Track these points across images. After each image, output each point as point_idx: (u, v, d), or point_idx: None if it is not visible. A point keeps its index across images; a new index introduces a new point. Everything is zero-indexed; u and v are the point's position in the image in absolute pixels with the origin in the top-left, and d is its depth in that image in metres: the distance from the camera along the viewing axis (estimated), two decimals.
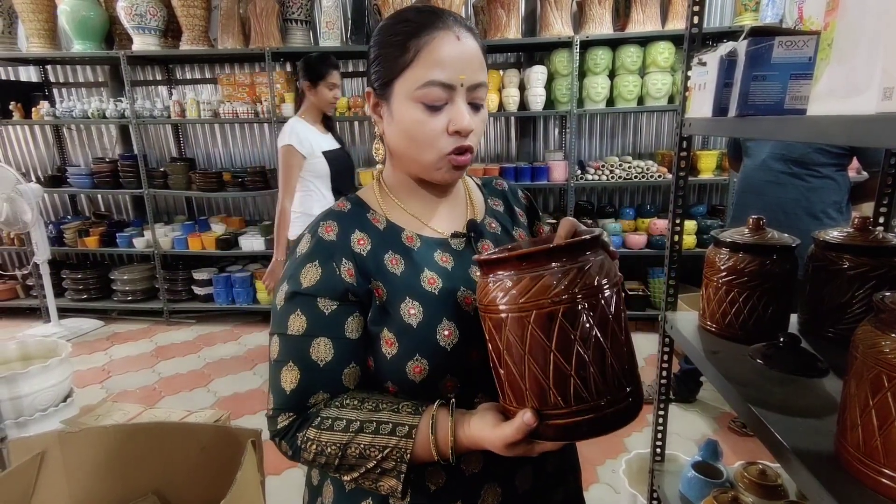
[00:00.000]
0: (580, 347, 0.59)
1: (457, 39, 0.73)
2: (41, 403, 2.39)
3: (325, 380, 0.73)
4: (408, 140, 0.76)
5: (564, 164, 3.88)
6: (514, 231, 0.92)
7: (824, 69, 0.71)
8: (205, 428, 1.56)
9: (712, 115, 1.04)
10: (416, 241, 0.81)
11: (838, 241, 1.05)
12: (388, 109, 0.77)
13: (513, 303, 0.61)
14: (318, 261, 0.74)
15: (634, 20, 3.66)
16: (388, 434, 0.68)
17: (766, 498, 1.31)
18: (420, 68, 0.72)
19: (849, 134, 0.64)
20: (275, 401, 0.74)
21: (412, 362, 0.73)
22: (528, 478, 0.80)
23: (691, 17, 1.21)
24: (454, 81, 0.73)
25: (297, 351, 0.73)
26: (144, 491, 1.52)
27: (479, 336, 0.75)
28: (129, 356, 3.74)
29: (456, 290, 0.78)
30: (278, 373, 0.74)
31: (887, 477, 0.63)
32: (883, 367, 0.62)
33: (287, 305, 0.74)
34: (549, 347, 0.59)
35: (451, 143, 0.75)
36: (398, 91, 0.75)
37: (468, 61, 0.74)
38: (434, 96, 0.73)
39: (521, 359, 0.61)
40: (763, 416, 0.83)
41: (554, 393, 0.60)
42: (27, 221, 3.77)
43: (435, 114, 0.74)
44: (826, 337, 1.08)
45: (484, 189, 0.96)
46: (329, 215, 0.80)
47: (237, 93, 4.15)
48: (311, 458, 0.72)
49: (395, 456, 0.68)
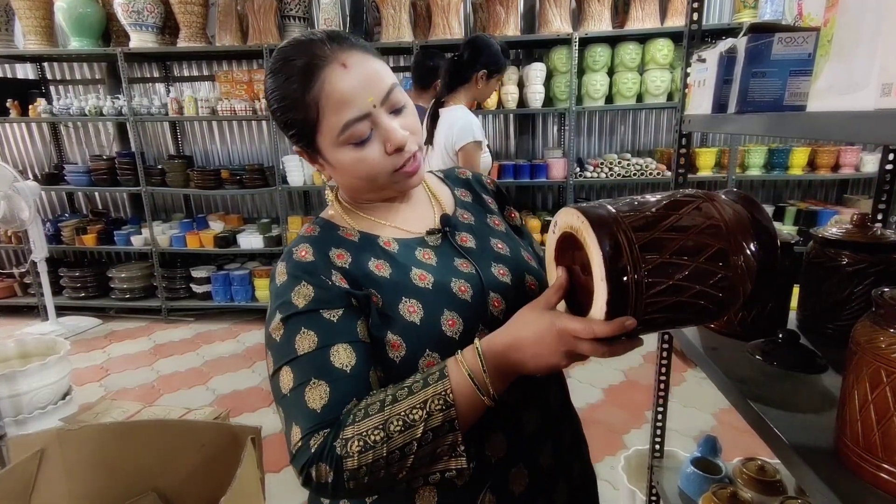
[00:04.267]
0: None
1: (343, 68, 0.71)
2: (40, 401, 2.40)
3: (355, 385, 0.68)
4: (355, 179, 0.77)
5: (563, 161, 3.88)
6: (489, 218, 0.91)
7: (824, 66, 0.71)
8: (205, 425, 1.56)
9: (712, 111, 1.04)
10: (393, 244, 0.80)
11: (837, 237, 1.05)
12: (324, 160, 0.78)
13: None
14: (304, 280, 0.72)
15: (633, 17, 3.66)
16: (421, 388, 0.64)
17: (765, 493, 1.32)
18: (329, 118, 0.72)
19: (848, 130, 0.64)
20: (304, 426, 0.65)
21: (424, 359, 0.72)
22: (550, 454, 0.81)
23: (690, 13, 1.21)
24: (366, 109, 0.72)
25: (316, 366, 0.67)
26: (144, 488, 1.52)
27: (482, 320, 0.76)
28: (128, 354, 3.74)
29: (448, 282, 0.77)
30: (301, 396, 0.66)
31: (886, 471, 0.63)
32: (881, 362, 0.63)
33: (288, 331, 0.70)
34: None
35: (394, 161, 0.75)
36: (324, 144, 0.75)
37: (367, 81, 0.72)
38: (357, 133, 0.72)
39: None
40: (762, 412, 0.84)
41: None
42: (24, 219, 3.76)
43: (367, 146, 0.73)
44: (825, 333, 1.08)
45: (448, 181, 0.95)
46: (300, 241, 0.78)
47: (235, 90, 4.14)
48: (356, 464, 0.62)
49: (439, 404, 0.63)
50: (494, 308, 0.78)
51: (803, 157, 3.74)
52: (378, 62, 0.75)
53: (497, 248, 0.86)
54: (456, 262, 0.81)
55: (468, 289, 0.77)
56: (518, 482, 0.77)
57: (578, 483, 0.87)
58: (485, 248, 0.85)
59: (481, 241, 0.86)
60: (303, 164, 4.04)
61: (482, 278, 0.79)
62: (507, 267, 0.83)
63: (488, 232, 0.88)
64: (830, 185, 4.25)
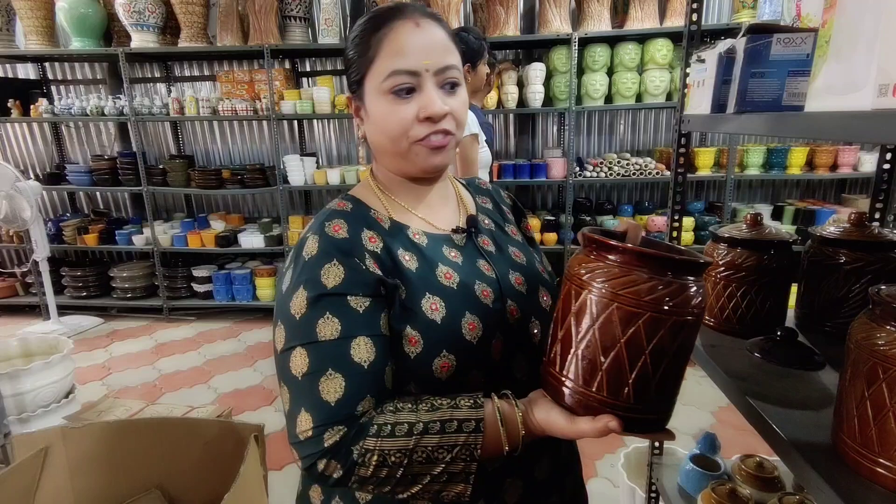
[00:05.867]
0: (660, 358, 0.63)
1: (416, 26, 0.73)
2: (43, 400, 2.40)
3: (371, 382, 0.68)
4: (382, 134, 0.76)
5: (563, 161, 3.89)
6: (507, 227, 0.93)
7: (822, 66, 0.72)
8: (208, 423, 1.57)
9: (711, 111, 1.05)
10: (421, 237, 0.80)
11: (835, 236, 1.06)
12: (365, 109, 0.78)
13: (629, 294, 0.62)
14: (335, 259, 0.70)
15: (633, 17, 3.67)
16: (454, 432, 0.65)
17: (764, 490, 1.33)
18: (382, 60, 0.73)
19: (845, 130, 0.65)
20: (316, 417, 0.65)
21: (439, 359, 0.71)
22: (546, 467, 0.82)
23: (690, 13, 1.22)
24: (418, 68, 0.72)
25: (335, 357, 0.67)
26: (147, 486, 1.53)
27: (500, 327, 0.76)
28: (130, 353, 3.74)
29: (472, 283, 0.77)
30: (314, 385, 0.66)
31: (882, 466, 0.64)
32: (878, 358, 0.63)
33: (312, 311, 0.68)
34: (644, 347, 0.62)
35: (422, 130, 0.74)
36: (368, 88, 0.76)
37: (431, 46, 0.74)
38: (400, 83, 0.73)
39: (613, 344, 0.63)
40: (761, 409, 0.84)
41: (631, 388, 0.63)
42: (26, 219, 3.77)
43: (403, 103, 0.73)
44: (823, 331, 1.09)
45: (469, 188, 0.96)
46: (333, 215, 0.76)
47: (236, 90, 4.15)
48: (369, 474, 0.64)
49: (465, 455, 0.64)
50: (511, 316, 0.79)
51: (802, 156, 3.74)
52: (450, 42, 0.76)
53: (514, 256, 0.87)
54: (479, 262, 0.81)
55: (490, 293, 0.77)
56: (512, 493, 0.78)
57: (569, 498, 0.87)
58: (503, 255, 0.86)
59: (500, 247, 0.87)
60: (303, 163, 4.05)
61: (501, 284, 0.80)
62: (523, 276, 0.84)
63: (506, 240, 0.89)
64: (829, 185, 4.25)
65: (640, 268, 0.63)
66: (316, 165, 4.20)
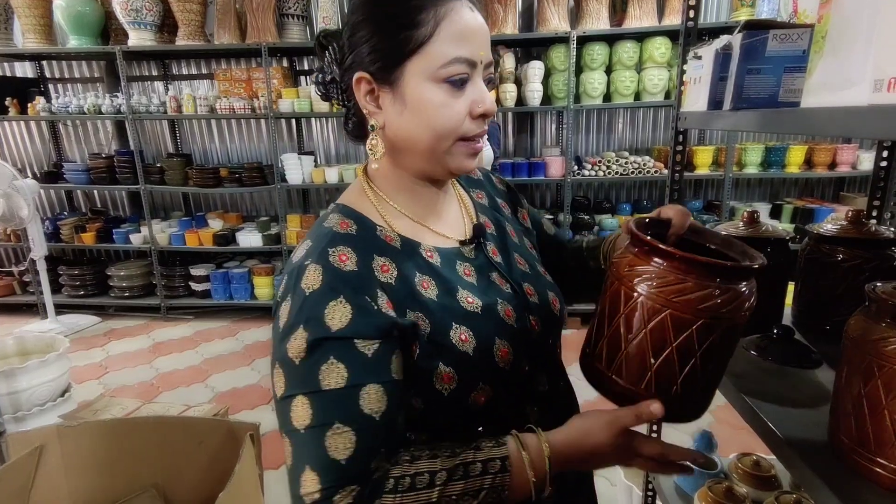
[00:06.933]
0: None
1: (471, 11, 0.66)
2: (39, 398, 2.39)
3: (384, 434, 0.60)
4: (424, 127, 0.66)
5: (561, 159, 3.89)
6: (507, 227, 0.85)
7: (818, 62, 0.72)
8: (203, 422, 1.56)
9: (707, 108, 1.04)
10: (435, 255, 0.72)
11: (832, 233, 1.06)
12: (394, 96, 0.66)
13: (683, 301, 0.61)
14: (342, 296, 0.61)
15: (631, 16, 3.67)
16: (479, 475, 0.59)
17: (760, 488, 1.32)
18: (443, 43, 0.63)
19: (841, 126, 0.65)
20: (324, 478, 0.57)
21: (475, 392, 0.67)
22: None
23: (686, 10, 1.21)
24: (476, 58, 0.65)
25: (342, 408, 0.59)
26: (143, 485, 1.52)
27: (526, 346, 0.73)
28: (127, 352, 3.74)
29: (493, 304, 0.72)
30: (320, 440, 0.58)
31: (879, 464, 0.64)
32: (874, 356, 0.63)
33: (314, 355, 0.59)
34: (695, 350, 0.62)
35: (474, 127, 0.67)
36: (413, 72, 0.64)
37: (484, 36, 0.67)
38: (459, 73, 0.64)
39: (665, 347, 0.62)
40: (757, 407, 0.84)
41: (679, 387, 0.63)
42: (23, 217, 3.76)
43: (459, 95, 0.65)
44: (819, 329, 1.09)
45: (461, 181, 0.87)
46: (337, 240, 0.66)
47: (234, 88, 4.14)
48: None
49: (491, 497, 0.59)
50: (534, 331, 0.75)
51: (800, 155, 3.74)
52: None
53: (519, 264, 0.81)
54: (493, 276, 0.75)
55: (511, 312, 0.73)
56: None
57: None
58: (511, 264, 0.80)
59: (507, 255, 0.80)
60: (301, 162, 4.04)
61: (518, 299, 0.75)
62: (532, 285, 0.79)
63: (511, 245, 0.83)
64: (827, 183, 4.25)
65: (694, 275, 0.62)
66: (314, 164, 4.19)
